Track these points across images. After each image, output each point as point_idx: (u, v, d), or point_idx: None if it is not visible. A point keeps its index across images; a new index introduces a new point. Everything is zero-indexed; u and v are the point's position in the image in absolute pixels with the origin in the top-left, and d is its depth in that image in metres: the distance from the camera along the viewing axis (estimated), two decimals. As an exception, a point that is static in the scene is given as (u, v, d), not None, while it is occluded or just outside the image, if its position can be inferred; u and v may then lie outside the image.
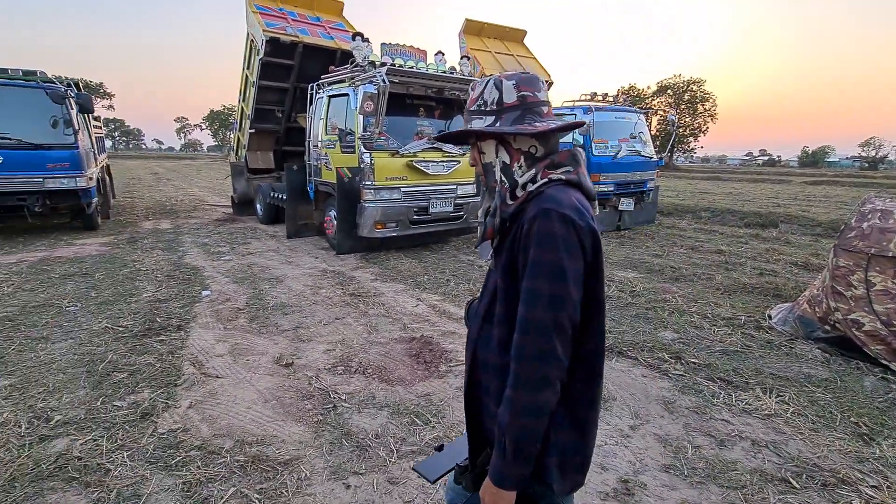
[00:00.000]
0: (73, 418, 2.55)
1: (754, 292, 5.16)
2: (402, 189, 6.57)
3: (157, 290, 5.04)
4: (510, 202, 1.07)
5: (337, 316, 4.29)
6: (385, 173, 6.39)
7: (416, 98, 6.72)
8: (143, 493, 2.01)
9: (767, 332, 4.02)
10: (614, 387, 3.09)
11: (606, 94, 9.42)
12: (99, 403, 2.71)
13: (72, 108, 7.65)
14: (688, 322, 4.25)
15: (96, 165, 9.45)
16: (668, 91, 45.83)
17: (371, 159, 6.26)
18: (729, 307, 4.67)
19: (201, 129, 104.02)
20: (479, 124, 1.10)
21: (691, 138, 46.99)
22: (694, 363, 3.41)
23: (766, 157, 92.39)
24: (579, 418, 1.06)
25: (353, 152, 6.45)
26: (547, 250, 0.96)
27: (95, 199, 8.41)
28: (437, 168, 6.76)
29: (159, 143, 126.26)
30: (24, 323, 4.02)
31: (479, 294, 1.19)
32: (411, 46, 7.10)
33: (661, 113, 41.89)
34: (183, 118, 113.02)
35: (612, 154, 8.54)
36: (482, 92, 1.12)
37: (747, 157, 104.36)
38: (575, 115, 8.69)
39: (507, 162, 1.10)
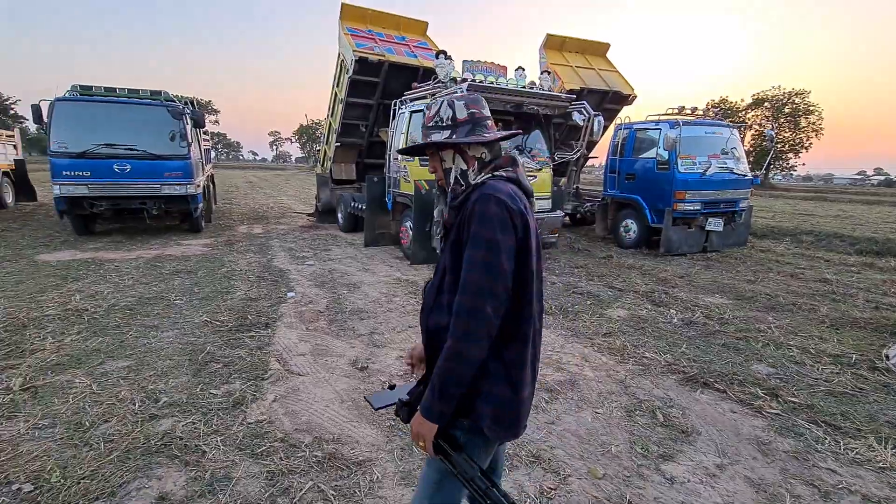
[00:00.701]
0: (177, 401, 2.84)
1: (867, 328, 4.58)
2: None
3: (249, 289, 5.48)
4: (460, 193, 1.30)
5: (409, 324, 4.39)
6: (461, 186, 6.48)
7: (494, 113, 6.78)
8: (233, 477, 2.19)
9: (884, 374, 3.54)
10: (698, 420, 2.88)
11: (696, 108, 8.90)
12: (198, 390, 3.00)
13: (187, 124, 8.62)
14: (786, 356, 3.86)
15: (203, 174, 10.51)
16: (766, 104, 42.29)
17: (448, 173, 6.39)
18: (836, 343, 4.18)
19: (291, 143, 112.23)
20: (437, 137, 1.33)
21: (791, 155, 42.86)
22: (793, 402, 3.09)
23: (882, 177, 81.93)
24: (513, 377, 1.22)
25: (431, 165, 6.62)
26: (484, 227, 1.15)
27: (201, 205, 9.35)
28: (512, 182, 6.74)
29: (254, 154, 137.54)
30: (139, 312, 4.55)
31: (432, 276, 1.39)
32: (492, 63, 7.21)
33: (757, 128, 38.69)
34: (276, 132, 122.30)
35: (700, 171, 8.04)
36: (437, 111, 1.35)
37: (858, 177, 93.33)
38: (660, 129, 8.29)
39: (465, 168, 1.33)
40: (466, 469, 1.19)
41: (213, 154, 19.16)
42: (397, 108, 7.71)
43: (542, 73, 7.46)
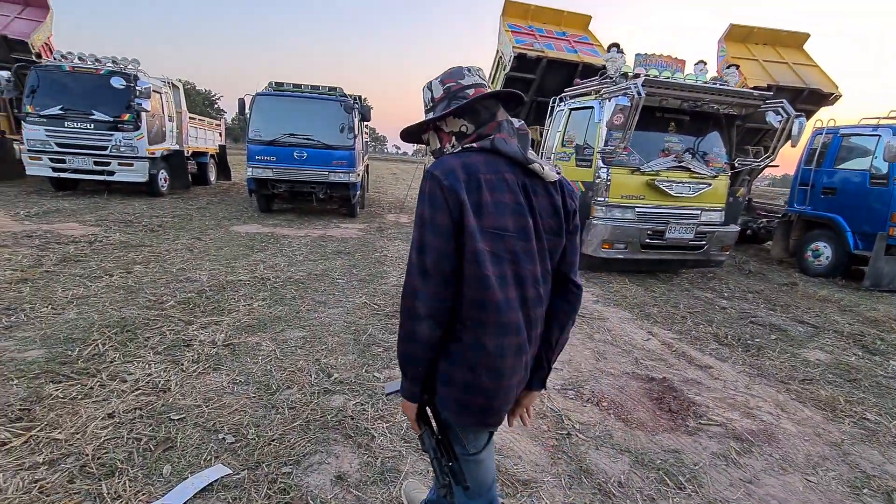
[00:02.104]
0: (346, 380, 2.99)
1: None
2: (637, 209, 6.06)
3: (399, 276, 5.71)
4: None
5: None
6: (621, 190, 5.98)
7: (667, 111, 6.11)
8: (402, 470, 2.19)
9: None
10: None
11: (936, 110, 7.03)
12: (363, 371, 3.13)
13: (356, 118, 9.38)
14: None
15: (362, 165, 11.40)
16: None
17: (608, 175, 5.94)
18: None
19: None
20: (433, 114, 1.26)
21: None
22: None
23: None
24: (471, 361, 1.16)
25: (589, 166, 6.22)
26: (420, 204, 1.13)
27: (359, 193, 10.16)
28: (681, 189, 6.02)
29: (397, 148, 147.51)
30: (309, 287, 5.00)
31: None
32: (668, 56, 6.49)
33: None
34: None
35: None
36: (423, 97, 1.30)
37: None
38: (878, 136, 6.71)
39: (439, 145, 1.29)
40: (425, 441, 1.28)
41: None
42: (556, 105, 7.40)
43: (727, 68, 6.52)
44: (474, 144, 1.18)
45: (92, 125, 9.30)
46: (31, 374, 2.75)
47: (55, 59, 9.68)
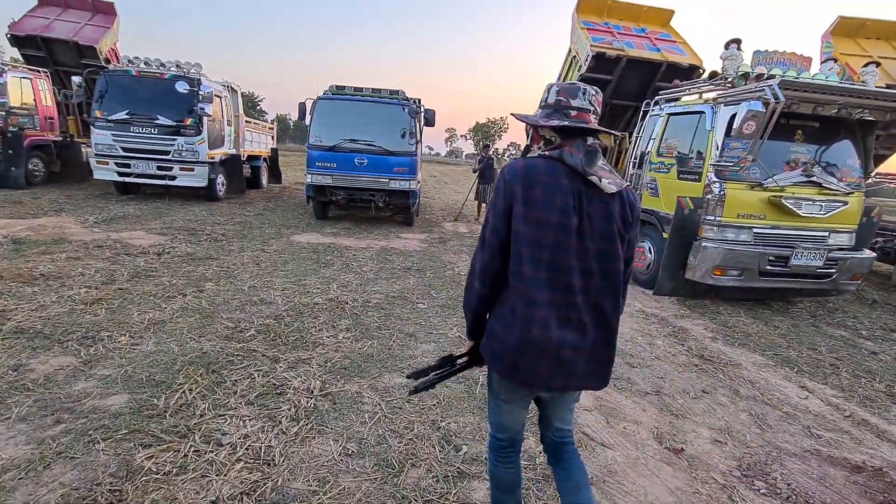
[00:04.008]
0: (478, 456, 2.43)
1: None
2: (755, 230, 5.29)
3: (484, 301, 5.17)
4: None
5: (703, 388, 3.47)
6: (737, 208, 5.23)
7: (793, 117, 5.30)
8: None
9: None
10: None
11: None
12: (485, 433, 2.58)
13: (419, 123, 8.92)
14: None
15: (421, 171, 10.95)
16: None
17: (723, 190, 5.19)
18: None
19: (465, 139, 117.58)
20: (531, 116, 1.56)
21: None
22: None
23: None
24: (507, 320, 1.43)
25: (698, 180, 5.49)
26: (493, 192, 1.49)
27: (417, 201, 9.70)
28: (811, 208, 5.21)
29: (430, 148, 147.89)
30: (391, 314, 4.52)
31: None
32: (792, 53, 5.69)
33: None
34: (451, 129, 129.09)
35: None
36: (543, 93, 1.54)
37: None
38: None
39: (529, 143, 1.59)
40: (443, 364, 1.69)
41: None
42: (650, 108, 6.68)
43: (865, 66, 5.66)
44: (547, 152, 1.45)
45: (156, 130, 9.23)
46: (118, 435, 2.35)
47: (123, 63, 9.68)
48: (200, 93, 9.14)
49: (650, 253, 6.29)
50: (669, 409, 3.13)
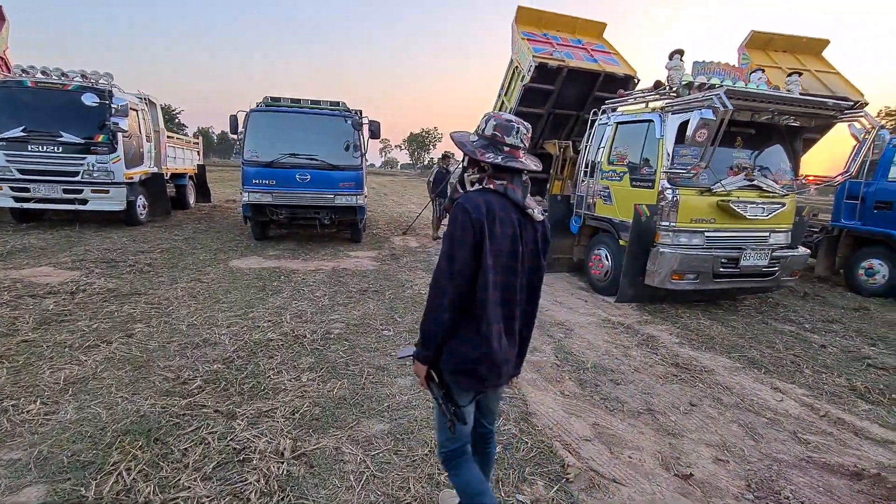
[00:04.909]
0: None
1: None
2: (707, 234, 5.47)
3: (452, 322, 4.91)
4: (458, 192, 1.76)
5: (689, 401, 3.43)
6: (690, 214, 5.38)
7: (733, 125, 5.54)
8: None
9: None
10: None
11: None
12: (503, 494, 2.32)
13: (363, 135, 8.54)
14: None
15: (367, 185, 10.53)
16: None
17: (676, 196, 5.32)
18: None
19: (400, 150, 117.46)
20: (466, 140, 1.74)
21: None
22: None
23: None
24: (471, 340, 1.63)
25: (651, 187, 5.60)
26: (452, 226, 1.58)
27: (365, 217, 9.28)
28: (755, 210, 5.47)
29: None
30: (356, 345, 4.14)
31: None
32: (726, 64, 6.00)
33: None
34: (385, 139, 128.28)
35: None
36: (480, 121, 1.74)
37: None
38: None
39: (465, 165, 1.79)
40: (434, 391, 1.73)
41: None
42: (597, 117, 6.78)
43: (790, 76, 6.06)
44: (491, 187, 1.64)
45: (60, 148, 8.14)
46: (33, 550, 1.83)
47: (16, 73, 8.47)
48: (113, 106, 8.17)
49: (607, 260, 6.35)
50: (665, 428, 3.03)
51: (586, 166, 6.84)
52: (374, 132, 8.51)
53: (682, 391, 3.59)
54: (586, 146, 6.93)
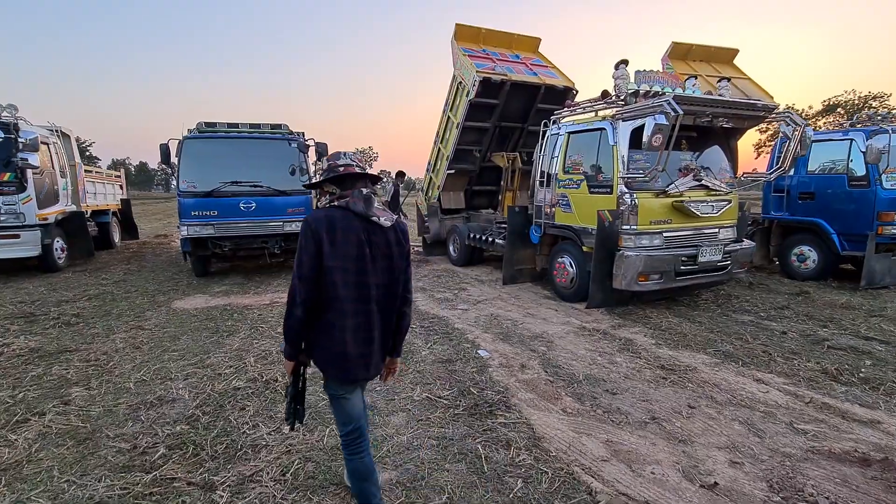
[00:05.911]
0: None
1: None
2: (665, 234, 5.66)
3: (430, 346, 4.70)
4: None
5: (688, 403, 3.43)
6: (649, 216, 5.54)
7: (680, 129, 5.82)
8: None
9: None
10: None
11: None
12: (531, 531, 2.13)
13: (309, 158, 8.17)
14: None
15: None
16: (839, 109, 38.84)
17: (634, 200, 5.47)
18: None
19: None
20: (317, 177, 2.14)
21: None
22: None
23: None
24: (328, 333, 1.91)
25: (610, 192, 5.73)
26: (301, 237, 1.87)
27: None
28: (707, 209, 5.74)
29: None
30: (336, 383, 3.81)
31: None
32: (664, 72, 6.32)
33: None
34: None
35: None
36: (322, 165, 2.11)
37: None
38: (851, 139, 7.08)
39: (320, 196, 2.09)
40: (287, 391, 2.05)
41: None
42: (549, 128, 6.89)
43: (719, 81, 6.49)
44: (336, 203, 1.94)
45: (-44, 191, 7.09)
46: None
47: None
48: (21, 140, 7.26)
49: (572, 268, 6.41)
50: (674, 436, 2.99)
51: (541, 176, 6.92)
52: (322, 154, 8.16)
53: (676, 394, 3.60)
54: (539, 157, 7.02)
